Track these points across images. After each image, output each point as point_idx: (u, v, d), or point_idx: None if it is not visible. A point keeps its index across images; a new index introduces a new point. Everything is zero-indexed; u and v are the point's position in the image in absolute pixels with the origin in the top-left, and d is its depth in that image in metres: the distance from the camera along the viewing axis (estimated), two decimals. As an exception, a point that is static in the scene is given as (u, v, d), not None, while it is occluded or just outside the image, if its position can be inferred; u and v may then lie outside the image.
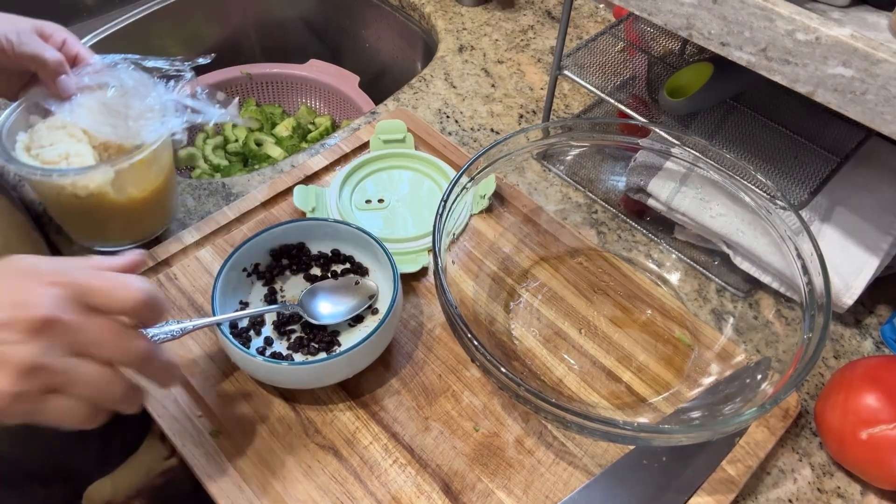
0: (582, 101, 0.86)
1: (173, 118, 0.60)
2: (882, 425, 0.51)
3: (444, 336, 0.61)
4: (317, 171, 0.74)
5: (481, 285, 0.65)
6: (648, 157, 0.66)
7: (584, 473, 0.54)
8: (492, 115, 0.83)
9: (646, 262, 0.69)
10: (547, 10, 0.99)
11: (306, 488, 0.52)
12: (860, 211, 0.62)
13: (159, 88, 0.61)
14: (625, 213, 0.72)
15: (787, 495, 0.55)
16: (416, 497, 0.52)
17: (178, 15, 1.04)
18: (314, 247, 0.63)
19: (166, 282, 0.63)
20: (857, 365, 0.56)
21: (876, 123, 0.45)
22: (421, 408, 0.57)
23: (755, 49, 0.48)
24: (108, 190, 0.58)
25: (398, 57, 1.09)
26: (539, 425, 0.56)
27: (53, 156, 0.57)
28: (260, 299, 0.61)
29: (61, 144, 0.58)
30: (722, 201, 0.63)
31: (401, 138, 0.75)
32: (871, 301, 0.67)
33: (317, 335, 0.58)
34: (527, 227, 0.70)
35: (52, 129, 0.59)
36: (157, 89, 0.61)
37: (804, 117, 0.66)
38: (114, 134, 0.59)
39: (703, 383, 0.59)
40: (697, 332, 0.63)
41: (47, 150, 0.58)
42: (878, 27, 0.48)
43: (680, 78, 0.68)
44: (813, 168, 0.62)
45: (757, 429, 0.56)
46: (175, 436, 0.54)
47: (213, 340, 0.60)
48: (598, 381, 0.59)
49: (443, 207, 0.56)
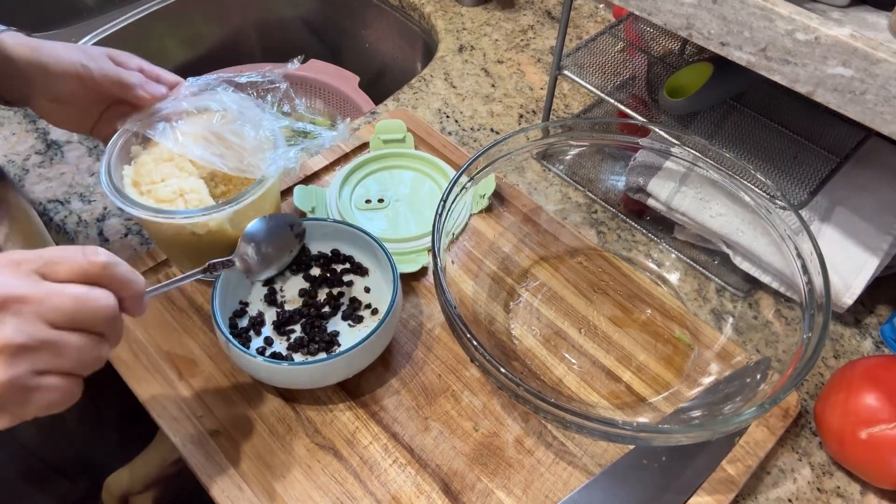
0: (582, 101, 0.86)
1: (288, 149, 0.57)
2: (882, 425, 0.51)
3: (443, 336, 0.61)
4: (317, 170, 0.74)
5: (481, 285, 0.65)
6: (648, 157, 0.67)
7: (584, 473, 0.54)
8: (492, 114, 0.83)
9: (645, 261, 0.69)
10: (547, 10, 0.99)
11: (306, 488, 0.52)
12: (860, 211, 0.62)
13: (267, 113, 0.59)
14: (624, 212, 0.72)
15: (786, 495, 0.55)
16: (415, 497, 0.52)
17: (178, 15, 1.04)
18: (314, 247, 0.63)
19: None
20: (856, 365, 0.56)
21: (875, 123, 0.45)
22: (420, 408, 0.57)
23: (755, 49, 0.48)
24: (227, 227, 0.56)
25: (398, 57, 1.09)
26: (539, 425, 0.56)
27: (168, 193, 0.55)
28: (260, 299, 0.61)
29: (173, 180, 0.56)
30: (722, 201, 0.63)
31: (401, 138, 0.75)
32: (870, 301, 0.67)
33: (317, 335, 0.58)
34: (526, 226, 0.70)
35: (158, 161, 0.57)
36: (266, 115, 0.59)
37: (804, 117, 0.66)
38: (223, 164, 0.55)
39: (702, 383, 0.59)
40: (697, 332, 0.63)
41: (160, 187, 0.56)
42: (878, 27, 0.48)
43: (680, 78, 0.68)
44: (813, 168, 0.62)
45: (757, 428, 0.56)
46: (175, 436, 0.54)
47: (213, 340, 0.60)
48: (597, 381, 0.59)
49: (442, 207, 0.56)
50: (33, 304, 0.36)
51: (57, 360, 0.37)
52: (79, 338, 0.37)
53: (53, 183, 0.73)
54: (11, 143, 0.76)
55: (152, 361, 0.58)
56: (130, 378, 0.57)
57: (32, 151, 0.75)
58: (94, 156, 0.75)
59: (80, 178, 0.73)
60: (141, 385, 0.57)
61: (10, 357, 0.35)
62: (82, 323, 0.38)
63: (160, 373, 0.58)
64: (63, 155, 0.75)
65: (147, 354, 0.59)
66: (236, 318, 0.59)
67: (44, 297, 0.36)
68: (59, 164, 0.74)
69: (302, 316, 0.59)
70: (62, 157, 0.75)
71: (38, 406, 0.37)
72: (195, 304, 0.62)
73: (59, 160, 0.75)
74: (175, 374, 0.58)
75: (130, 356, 0.58)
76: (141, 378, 0.57)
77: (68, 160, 0.75)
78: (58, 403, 0.37)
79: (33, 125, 0.78)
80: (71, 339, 0.37)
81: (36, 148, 0.76)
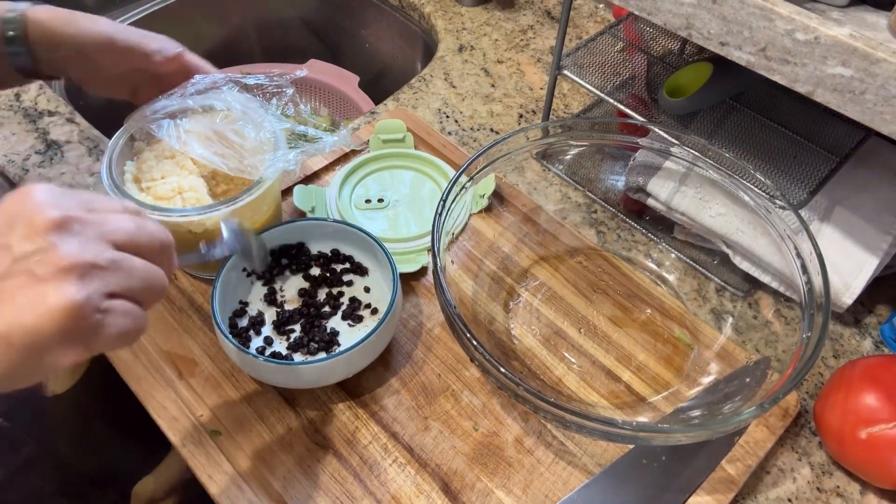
0: (581, 101, 0.86)
1: (288, 151, 0.57)
2: (881, 424, 0.51)
3: (443, 336, 0.61)
4: (317, 170, 0.74)
5: (480, 285, 0.65)
6: (648, 157, 0.67)
7: (584, 473, 0.54)
8: (491, 114, 0.83)
9: (645, 261, 0.69)
10: (546, 10, 0.99)
11: (306, 488, 0.52)
12: (859, 210, 0.62)
13: (270, 115, 0.59)
14: (624, 212, 0.72)
15: (786, 494, 0.55)
16: (415, 496, 0.52)
17: (178, 15, 1.04)
18: (314, 247, 0.64)
19: (166, 282, 0.63)
20: (856, 364, 0.56)
21: (875, 123, 0.45)
22: (420, 407, 0.57)
23: (754, 49, 0.48)
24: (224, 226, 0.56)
25: (398, 57, 1.09)
26: (538, 425, 0.56)
27: (166, 190, 0.56)
28: (260, 299, 0.61)
29: (172, 177, 0.56)
30: (721, 201, 0.63)
31: (400, 138, 0.75)
32: (870, 300, 0.68)
33: (316, 335, 0.58)
34: (526, 226, 0.70)
35: (160, 158, 0.58)
36: (269, 116, 0.59)
37: (804, 117, 0.66)
38: (224, 165, 0.56)
39: (702, 382, 0.59)
40: (697, 332, 0.63)
41: (159, 184, 0.56)
42: (878, 27, 0.48)
43: (679, 78, 0.68)
44: (812, 168, 0.62)
45: (756, 428, 0.56)
46: (175, 436, 0.54)
47: (213, 340, 0.60)
48: (597, 381, 0.59)
49: (442, 207, 0.56)
50: (95, 224, 0.34)
51: (127, 281, 0.35)
52: (141, 261, 0.36)
53: (53, 183, 0.72)
54: (11, 143, 0.76)
55: (152, 361, 0.58)
56: (130, 378, 0.57)
57: (32, 151, 0.75)
58: (94, 156, 0.75)
59: (80, 178, 0.73)
60: (141, 385, 0.57)
61: (81, 276, 0.32)
62: (142, 247, 0.36)
63: (160, 373, 0.58)
64: (63, 155, 0.75)
65: (147, 354, 0.59)
66: (236, 317, 0.59)
67: (103, 218, 0.35)
68: (59, 164, 0.74)
69: (302, 316, 0.59)
70: (62, 157, 0.75)
71: (110, 334, 0.34)
72: (195, 304, 0.62)
73: (59, 160, 0.75)
74: (175, 374, 0.58)
75: (130, 356, 0.58)
76: (141, 378, 0.57)
77: (68, 160, 0.75)
78: (130, 332, 0.35)
79: (33, 125, 0.78)
80: (136, 262, 0.35)
81: (36, 148, 0.76)
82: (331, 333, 0.58)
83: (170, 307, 0.62)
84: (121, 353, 0.58)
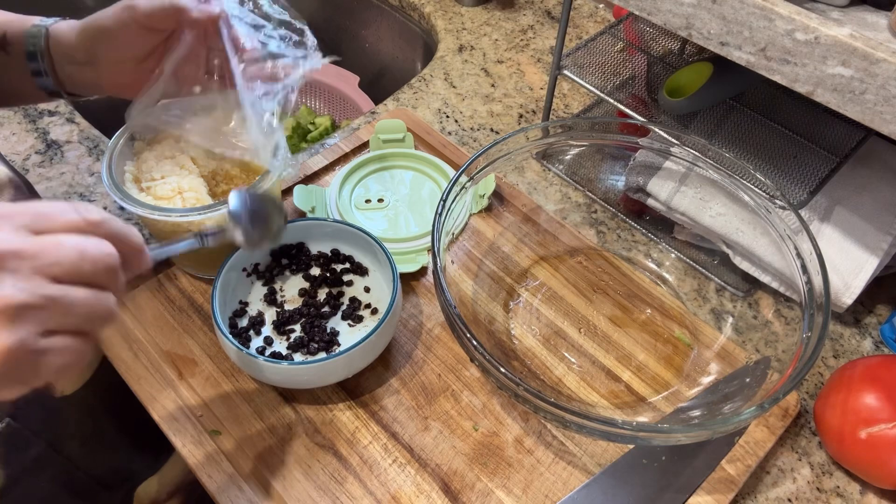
0: (581, 101, 0.86)
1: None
2: (881, 424, 0.51)
3: (443, 336, 0.61)
4: (317, 170, 0.74)
5: (480, 285, 0.65)
6: (648, 157, 0.67)
7: (584, 473, 0.54)
8: (491, 114, 0.83)
9: (645, 261, 0.69)
10: (546, 9, 0.99)
11: (306, 488, 0.52)
12: (859, 210, 0.62)
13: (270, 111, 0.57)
14: (624, 212, 0.72)
15: (786, 494, 0.55)
16: (415, 496, 0.52)
17: (177, 15, 1.04)
18: (314, 246, 0.64)
19: (166, 282, 0.63)
20: (856, 364, 0.56)
21: (875, 123, 0.45)
22: (420, 407, 0.57)
23: (754, 49, 0.48)
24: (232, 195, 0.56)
25: (398, 57, 1.09)
26: (538, 425, 0.56)
27: (166, 190, 0.56)
28: (260, 299, 0.61)
29: (172, 177, 0.57)
30: (721, 201, 0.63)
31: (400, 138, 0.75)
32: (870, 300, 0.68)
33: (316, 335, 0.58)
34: (526, 226, 0.70)
35: (160, 158, 0.58)
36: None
37: (803, 117, 0.66)
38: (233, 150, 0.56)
39: (702, 382, 0.59)
40: (697, 332, 0.63)
41: (159, 184, 0.56)
42: (878, 27, 0.48)
43: (679, 78, 0.68)
44: (812, 168, 0.62)
45: (756, 428, 0.56)
46: (175, 436, 0.54)
47: (213, 340, 0.60)
48: (597, 381, 0.59)
49: (442, 207, 0.56)
50: (31, 257, 0.32)
51: (64, 318, 0.33)
52: (84, 291, 0.34)
53: (53, 183, 0.73)
54: (11, 143, 0.76)
55: (152, 361, 0.58)
56: (130, 378, 0.57)
57: (32, 151, 0.75)
58: (95, 155, 0.75)
59: (80, 177, 0.73)
60: (141, 385, 0.57)
61: (12, 318, 0.31)
62: (85, 275, 0.34)
63: (160, 373, 0.58)
64: (63, 155, 0.75)
65: (147, 354, 0.59)
66: (236, 317, 0.59)
67: (41, 249, 0.33)
68: (59, 163, 0.74)
69: (302, 316, 0.59)
70: (62, 157, 0.75)
71: (48, 371, 0.33)
72: (195, 304, 0.62)
73: (59, 160, 0.75)
74: (175, 374, 0.58)
75: (130, 356, 0.58)
76: (141, 378, 0.57)
77: (68, 160, 0.75)
78: (69, 366, 0.34)
79: (33, 125, 0.78)
80: (76, 293, 0.33)
81: (36, 148, 0.76)
82: (331, 333, 0.58)
83: (170, 307, 0.62)
84: (121, 353, 0.58)
